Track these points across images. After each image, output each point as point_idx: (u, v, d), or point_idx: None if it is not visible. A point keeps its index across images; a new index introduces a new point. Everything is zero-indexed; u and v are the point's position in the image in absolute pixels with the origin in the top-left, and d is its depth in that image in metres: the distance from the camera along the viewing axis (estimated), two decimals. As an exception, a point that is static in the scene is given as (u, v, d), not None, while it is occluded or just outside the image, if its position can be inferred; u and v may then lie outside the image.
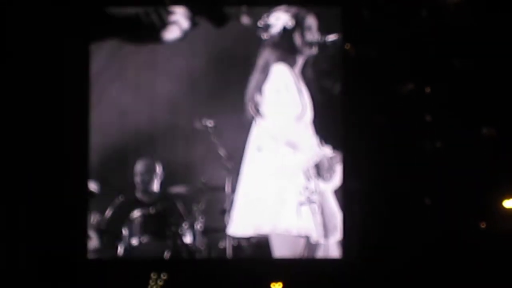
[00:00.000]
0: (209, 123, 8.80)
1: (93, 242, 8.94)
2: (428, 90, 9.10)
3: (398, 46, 9.03)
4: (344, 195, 8.93)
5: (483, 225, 9.01)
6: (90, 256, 8.93)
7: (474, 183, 8.86)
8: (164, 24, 8.89)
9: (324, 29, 8.86)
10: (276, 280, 8.87)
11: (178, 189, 9.00)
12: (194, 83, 9.01)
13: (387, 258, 8.78)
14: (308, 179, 8.72)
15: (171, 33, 8.90)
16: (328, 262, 8.98)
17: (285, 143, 8.75)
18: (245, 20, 8.85)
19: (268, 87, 8.76)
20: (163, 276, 8.81)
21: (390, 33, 9.04)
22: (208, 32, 8.91)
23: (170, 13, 8.90)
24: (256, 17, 8.86)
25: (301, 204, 8.66)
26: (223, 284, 8.82)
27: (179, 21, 8.89)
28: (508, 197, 9.04)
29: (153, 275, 8.78)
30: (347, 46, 9.04)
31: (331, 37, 8.78)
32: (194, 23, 8.89)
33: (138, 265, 9.00)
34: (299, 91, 8.80)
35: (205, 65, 8.98)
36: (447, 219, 8.87)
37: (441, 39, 9.06)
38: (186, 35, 8.90)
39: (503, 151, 8.99)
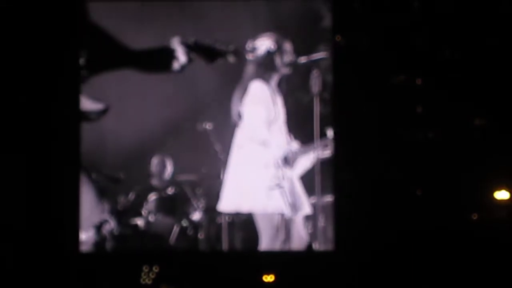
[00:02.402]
0: (208, 126, 9.50)
1: (110, 225, 9.35)
2: (419, 81, 8.97)
3: (389, 38, 8.93)
4: (336, 186, 9.04)
5: (475, 216, 8.96)
6: (108, 235, 9.33)
7: (466, 174, 8.80)
8: (169, 58, 9.40)
9: (297, 51, 9.34)
10: (268, 272, 9.07)
11: (185, 176, 9.64)
12: (198, 95, 9.62)
13: (379, 250, 8.74)
14: (278, 169, 9.26)
15: (173, 66, 9.46)
16: (319, 254, 9.09)
17: (258, 143, 9.30)
18: (231, 59, 9.39)
19: (247, 99, 9.37)
20: (155, 269, 9.01)
21: (381, 24, 8.95)
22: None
23: (174, 50, 9.41)
24: (240, 55, 9.39)
25: (273, 188, 9.24)
26: (215, 276, 8.95)
27: (178, 57, 9.38)
28: (499, 189, 9.00)
29: (145, 268, 9.02)
30: (338, 38, 9.02)
31: (302, 59, 9.30)
32: (190, 59, 9.42)
33: (131, 258, 9.13)
34: (273, 102, 9.31)
35: (206, 82, 9.59)
36: (438, 210, 8.79)
37: (432, 30, 8.95)
38: (183, 68, 9.46)
39: (495, 142, 8.86)
